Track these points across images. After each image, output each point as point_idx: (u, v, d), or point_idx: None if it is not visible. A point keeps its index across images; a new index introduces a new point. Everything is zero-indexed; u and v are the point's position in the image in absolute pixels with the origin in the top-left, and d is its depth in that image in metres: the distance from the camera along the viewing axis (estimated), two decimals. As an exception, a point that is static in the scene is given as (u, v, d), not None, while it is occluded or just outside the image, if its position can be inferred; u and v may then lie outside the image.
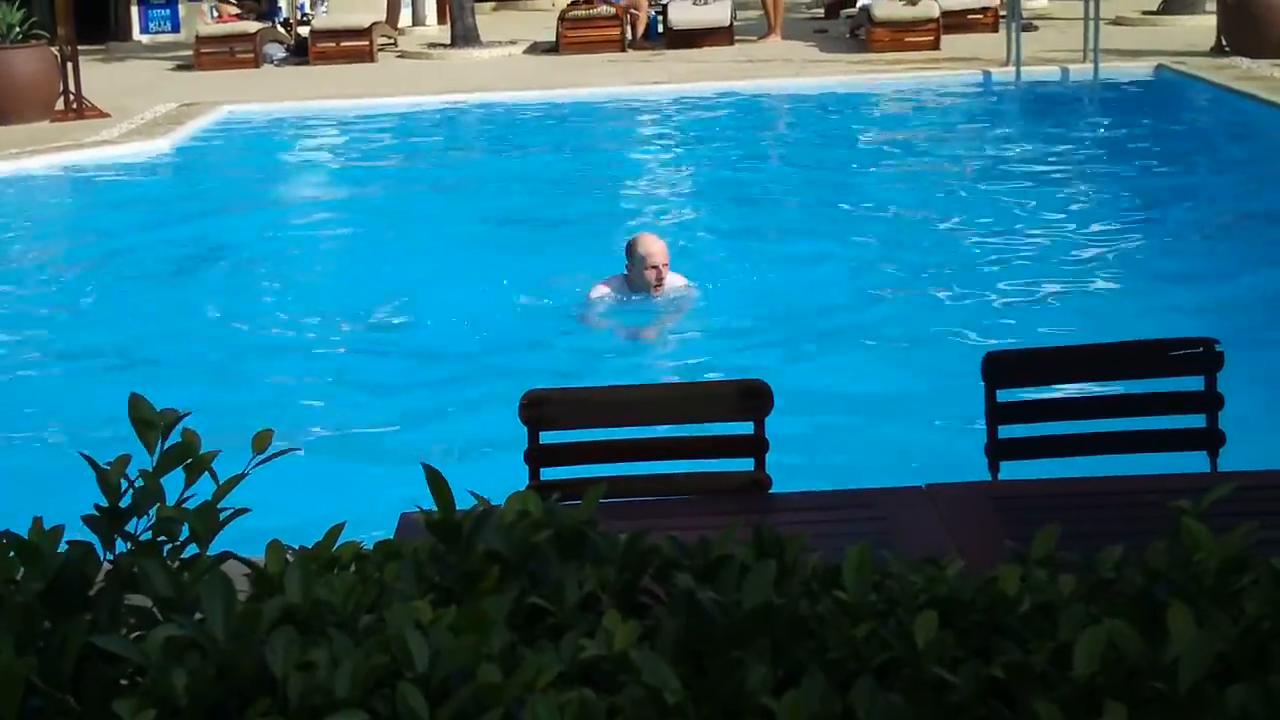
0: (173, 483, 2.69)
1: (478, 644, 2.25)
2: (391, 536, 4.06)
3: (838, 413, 8.95)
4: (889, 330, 10.86)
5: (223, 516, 2.65)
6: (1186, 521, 2.60)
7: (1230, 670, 2.27)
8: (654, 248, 10.90)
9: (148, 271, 13.55)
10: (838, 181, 16.47)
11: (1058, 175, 16.32)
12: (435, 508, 2.69)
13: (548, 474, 5.14)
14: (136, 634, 2.40)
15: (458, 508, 2.70)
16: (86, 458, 2.70)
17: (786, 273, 12.66)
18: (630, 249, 10.94)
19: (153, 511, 2.63)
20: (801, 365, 9.89)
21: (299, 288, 12.97)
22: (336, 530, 2.72)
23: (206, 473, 2.71)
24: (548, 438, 5.19)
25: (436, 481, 2.68)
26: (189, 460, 2.67)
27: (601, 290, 11.00)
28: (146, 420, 2.69)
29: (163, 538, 2.61)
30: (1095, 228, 14.04)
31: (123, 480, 2.63)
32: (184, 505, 2.66)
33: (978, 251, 13.18)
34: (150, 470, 2.65)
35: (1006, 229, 13.98)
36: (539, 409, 5.17)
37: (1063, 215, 14.54)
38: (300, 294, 12.73)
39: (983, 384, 5.44)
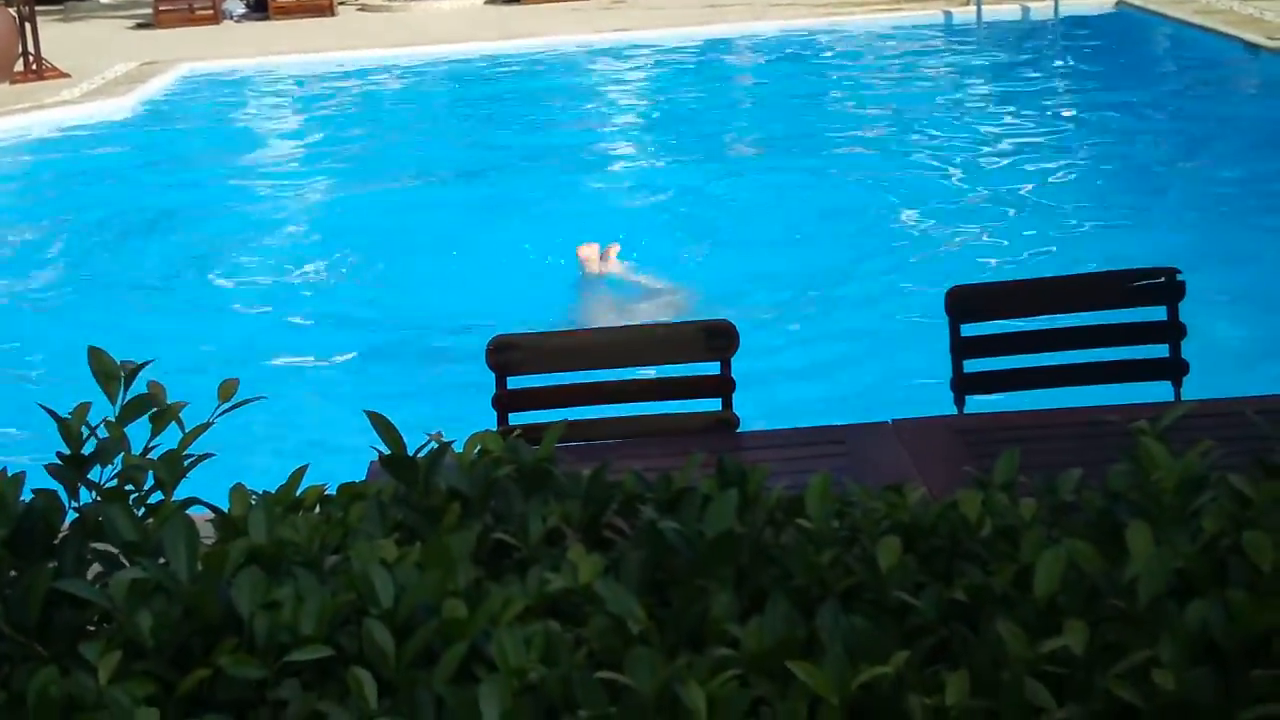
0: (139, 433, 2.69)
1: (443, 580, 2.26)
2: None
3: (804, 351, 8.96)
4: (855, 268, 10.88)
5: (187, 463, 2.65)
6: (1144, 442, 2.62)
7: (1190, 586, 2.29)
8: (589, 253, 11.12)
9: (110, 230, 13.50)
10: (801, 123, 16.45)
11: (1020, 113, 16.34)
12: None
13: (516, 419, 5.15)
14: (102, 579, 2.41)
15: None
16: (46, 409, 2.70)
17: (751, 213, 12.67)
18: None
19: (118, 460, 2.63)
20: (768, 304, 9.89)
21: (263, 244, 12.95)
22: (299, 473, 2.72)
23: (175, 426, 2.71)
24: (515, 383, 5.19)
25: (383, 424, 2.68)
26: (155, 410, 2.67)
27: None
28: (107, 372, 2.69)
29: (128, 486, 2.61)
30: (1057, 163, 14.08)
31: (84, 429, 2.63)
32: (150, 454, 2.67)
33: (940, 188, 13.21)
34: (113, 420, 2.65)
35: (968, 166, 14.02)
36: (506, 354, 5.18)
37: (1025, 151, 14.58)
38: (264, 249, 12.72)
39: (947, 318, 5.45)
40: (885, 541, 2.39)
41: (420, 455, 2.66)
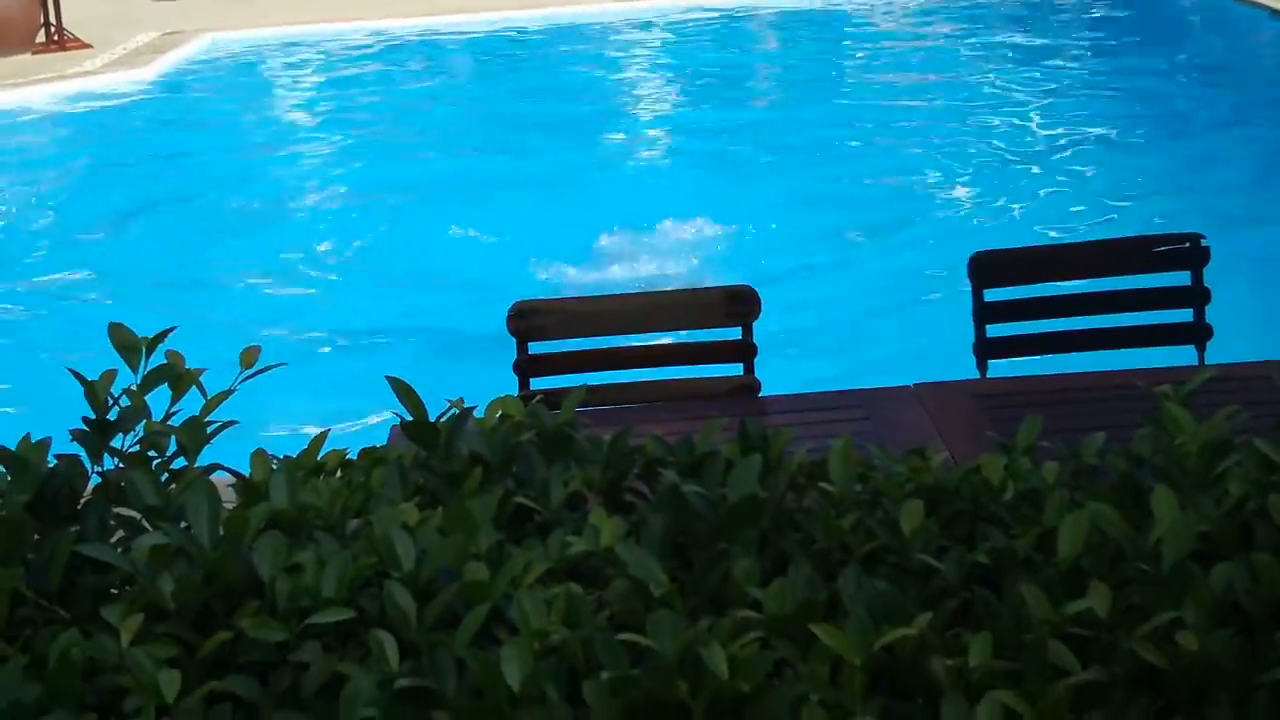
0: (161, 404, 2.70)
1: (464, 543, 2.26)
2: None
3: (826, 316, 8.95)
4: (877, 232, 10.85)
5: (210, 430, 2.65)
6: (1168, 406, 2.61)
7: (1215, 550, 2.28)
8: None
9: (131, 202, 13.50)
10: (825, 88, 16.41)
11: (1047, 77, 16.26)
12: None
13: (537, 384, 5.15)
14: (124, 544, 2.41)
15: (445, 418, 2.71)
16: (73, 372, 2.71)
17: (773, 179, 12.65)
18: None
19: (140, 427, 2.64)
20: (790, 269, 9.88)
21: (285, 215, 12.95)
22: (321, 438, 2.72)
23: (196, 391, 2.72)
24: (536, 348, 5.19)
25: (404, 390, 2.68)
26: (175, 377, 2.67)
27: None
28: (127, 345, 2.69)
29: (151, 452, 2.62)
30: (1083, 128, 14.02)
31: (109, 397, 2.63)
32: (170, 421, 2.67)
33: (965, 151, 13.17)
34: (135, 389, 2.66)
35: (994, 130, 13.97)
36: (527, 319, 5.18)
37: (1050, 116, 14.51)
38: (286, 221, 12.71)
39: (969, 283, 5.44)
40: (908, 505, 2.38)
41: (441, 421, 2.66)
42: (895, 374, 5.28)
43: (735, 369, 5.20)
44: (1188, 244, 5.55)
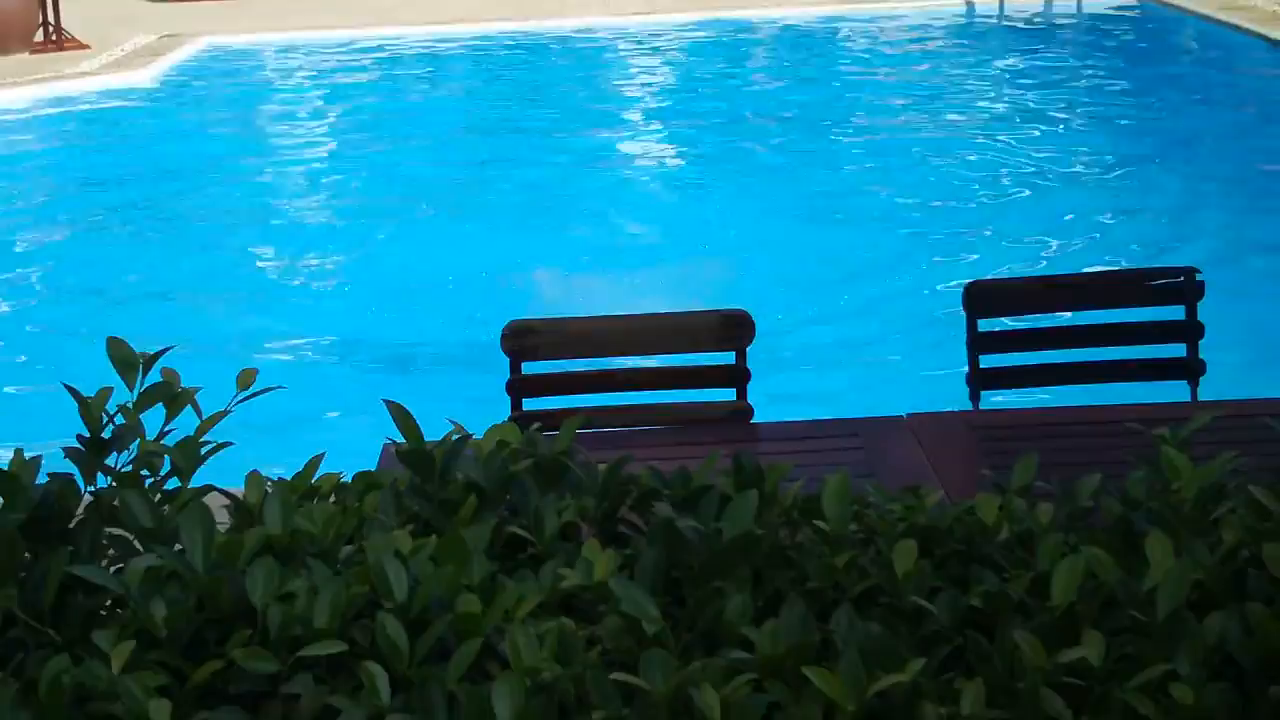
0: (156, 421, 2.69)
1: (457, 574, 2.25)
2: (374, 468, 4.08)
3: (820, 342, 8.94)
4: (872, 260, 10.85)
5: (204, 450, 2.64)
6: (1165, 450, 2.61)
7: (1209, 598, 2.28)
8: None
9: (127, 206, 13.49)
10: (821, 111, 16.40)
11: (1041, 106, 16.28)
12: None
13: (530, 405, 5.14)
14: (117, 565, 2.40)
15: (439, 438, 2.71)
16: (69, 388, 2.69)
17: (770, 202, 12.64)
18: None
19: (134, 446, 2.63)
20: (784, 295, 9.87)
21: (279, 223, 12.93)
22: (316, 461, 2.72)
23: (191, 410, 2.71)
24: (530, 368, 5.18)
25: (401, 415, 2.67)
26: (170, 396, 2.67)
27: None
28: (126, 360, 2.68)
29: (144, 471, 2.61)
30: (1078, 157, 14.04)
31: (104, 414, 2.63)
32: (164, 440, 2.66)
33: (961, 181, 13.17)
34: (130, 406, 2.65)
35: (989, 159, 13.97)
36: (521, 339, 5.17)
37: (1046, 145, 14.53)
38: (281, 229, 12.70)
39: (964, 313, 5.44)
40: (901, 545, 2.38)
41: (437, 447, 2.65)
42: (889, 402, 5.28)
43: (728, 393, 5.19)
44: (1182, 278, 5.55)
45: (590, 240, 11.45)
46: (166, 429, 2.66)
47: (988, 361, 5.47)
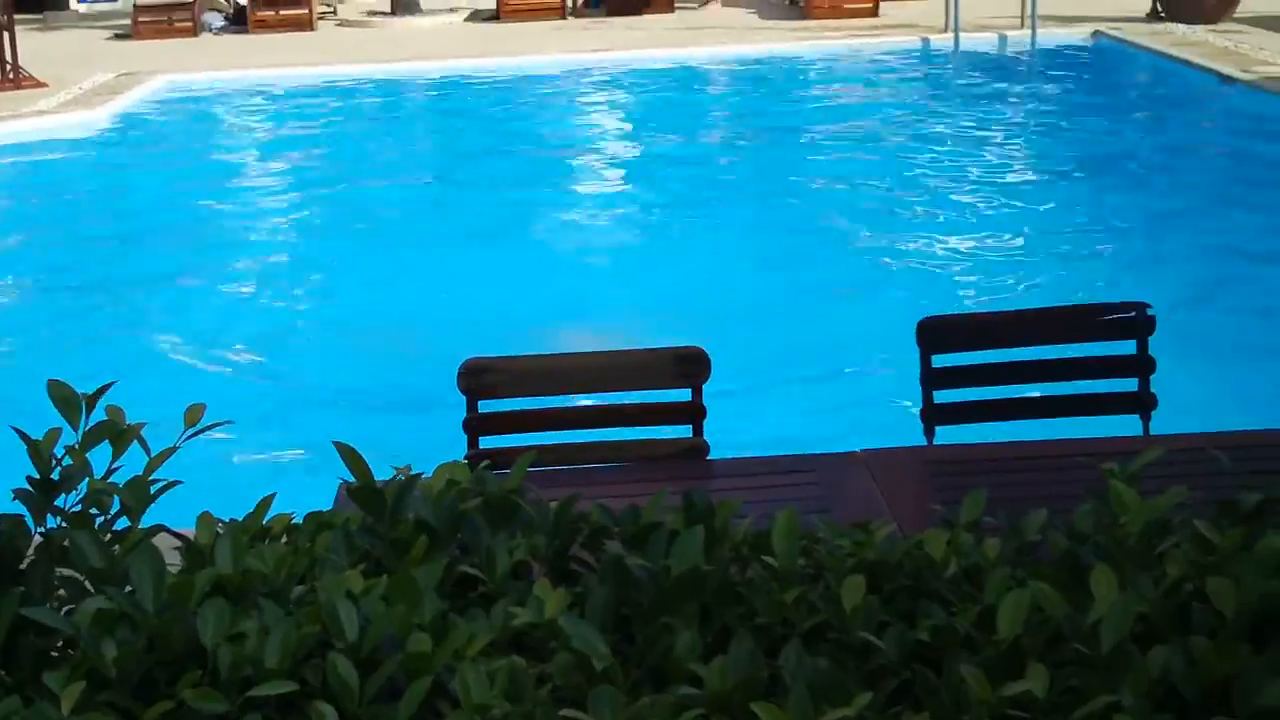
0: (104, 460, 2.69)
1: (408, 613, 2.26)
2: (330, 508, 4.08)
3: (775, 379, 8.96)
4: (827, 295, 10.89)
5: (154, 489, 2.65)
6: (1114, 484, 2.63)
7: (1153, 631, 2.30)
8: None
9: (82, 245, 13.46)
10: (777, 148, 16.50)
11: (996, 141, 16.40)
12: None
13: (486, 442, 5.14)
14: (68, 607, 2.41)
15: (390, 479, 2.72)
16: (17, 430, 2.70)
17: (724, 237, 12.69)
18: None
19: (83, 486, 2.63)
20: (741, 332, 9.89)
21: (235, 261, 12.91)
22: (267, 501, 2.72)
23: (140, 449, 2.71)
24: (486, 406, 5.19)
25: (351, 456, 2.68)
26: (115, 433, 2.67)
27: None
28: (67, 400, 2.68)
29: (94, 510, 2.61)
30: (1030, 193, 14.14)
31: (53, 456, 2.63)
32: (112, 479, 2.66)
33: (914, 216, 13.24)
34: (75, 446, 2.65)
35: (943, 194, 14.05)
36: (478, 377, 5.17)
37: (998, 180, 14.63)
38: (237, 268, 12.68)
39: (917, 348, 5.46)
40: (850, 580, 2.40)
41: (388, 486, 2.66)
42: (842, 437, 5.31)
43: (684, 430, 5.21)
44: (1133, 313, 5.59)
45: (548, 276, 11.45)
46: (114, 466, 2.67)
47: (941, 396, 5.49)
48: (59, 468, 2.61)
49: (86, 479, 2.61)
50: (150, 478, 2.63)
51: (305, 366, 10.09)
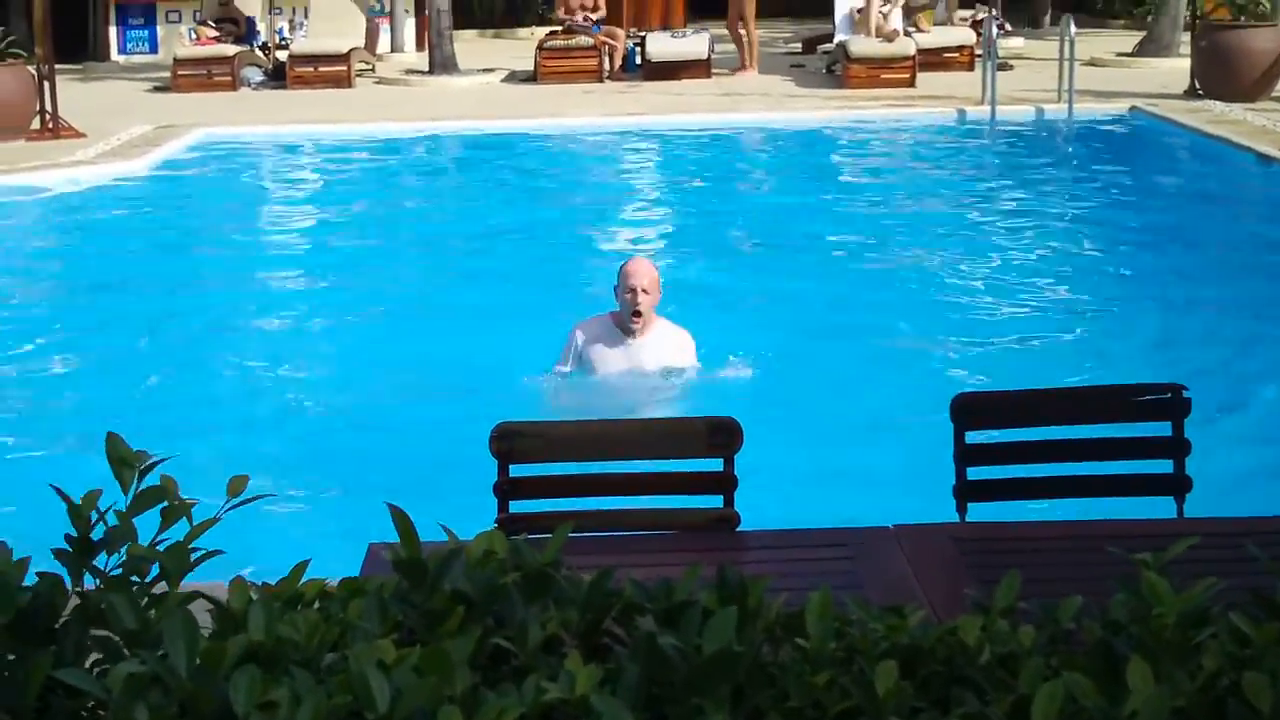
0: (144, 522, 2.70)
1: (439, 685, 2.26)
2: (360, 568, 4.09)
3: (808, 451, 8.95)
4: (861, 368, 10.86)
5: (194, 557, 2.66)
6: (1147, 575, 2.62)
7: (1188, 725, 2.29)
8: (637, 268, 9.89)
9: (119, 296, 13.51)
10: (812, 218, 16.49)
11: (1031, 215, 16.38)
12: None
13: (516, 506, 5.15)
14: (101, 668, 2.41)
15: (424, 540, 2.72)
16: (57, 489, 2.71)
17: (758, 309, 12.68)
18: (619, 271, 10.00)
19: (124, 549, 2.64)
20: (773, 403, 9.87)
21: (271, 317, 12.95)
22: (301, 567, 2.73)
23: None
24: (517, 470, 5.20)
25: (403, 522, 2.69)
26: (165, 505, 2.68)
27: (580, 334, 10.06)
28: (124, 459, 2.70)
29: (133, 575, 2.62)
30: (1067, 269, 14.11)
31: (93, 514, 2.64)
32: (156, 547, 2.67)
33: (950, 291, 13.21)
34: (124, 510, 2.66)
35: (979, 268, 14.03)
36: (509, 442, 5.18)
37: (1035, 256, 14.61)
38: (273, 324, 12.72)
39: (951, 425, 5.46)
40: (883, 665, 2.39)
41: (431, 555, 2.66)
42: (873, 512, 5.30)
43: (715, 499, 5.21)
44: (1169, 395, 5.58)
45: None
46: (161, 537, 2.67)
47: (975, 473, 5.49)
48: (102, 524, 2.61)
49: (128, 543, 2.62)
50: (190, 545, 2.64)
51: (341, 421, 10.09)
